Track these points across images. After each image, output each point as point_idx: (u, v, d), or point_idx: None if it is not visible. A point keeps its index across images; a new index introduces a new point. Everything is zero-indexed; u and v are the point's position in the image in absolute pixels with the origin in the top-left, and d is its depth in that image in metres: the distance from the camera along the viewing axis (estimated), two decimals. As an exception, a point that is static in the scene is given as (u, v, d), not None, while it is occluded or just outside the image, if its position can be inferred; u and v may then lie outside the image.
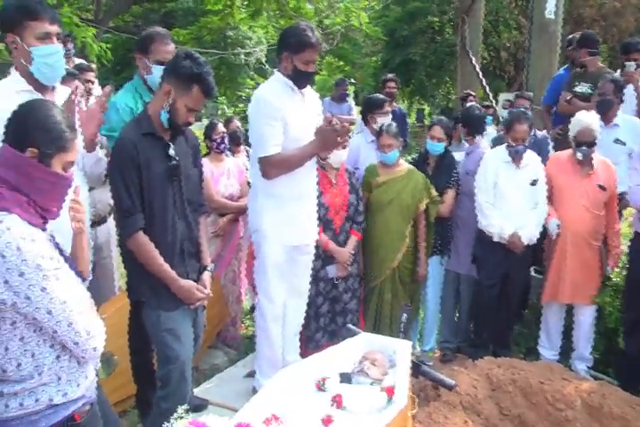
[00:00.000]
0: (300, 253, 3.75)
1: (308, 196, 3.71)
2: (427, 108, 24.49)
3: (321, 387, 2.50)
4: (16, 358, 1.94)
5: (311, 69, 3.48)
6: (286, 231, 3.61)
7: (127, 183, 2.76)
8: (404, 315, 3.62)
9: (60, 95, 2.99)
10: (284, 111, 3.43)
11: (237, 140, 5.35)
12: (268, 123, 3.41)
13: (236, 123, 5.34)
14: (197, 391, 4.01)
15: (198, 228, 3.10)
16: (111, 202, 3.62)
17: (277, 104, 3.42)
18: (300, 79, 3.50)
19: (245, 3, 13.82)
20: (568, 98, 5.56)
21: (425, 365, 2.92)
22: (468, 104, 8.11)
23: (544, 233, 4.38)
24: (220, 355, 4.73)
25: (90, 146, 3.05)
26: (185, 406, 1.96)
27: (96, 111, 2.93)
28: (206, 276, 3.06)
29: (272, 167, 3.46)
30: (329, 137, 3.38)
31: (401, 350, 2.72)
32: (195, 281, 2.97)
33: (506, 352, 4.35)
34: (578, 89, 5.56)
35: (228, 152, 5.15)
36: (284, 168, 3.48)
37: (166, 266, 2.83)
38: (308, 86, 3.66)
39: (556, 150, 5.08)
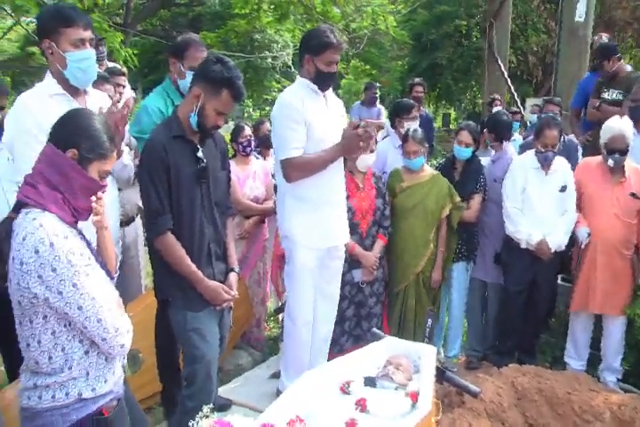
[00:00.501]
0: (330, 257, 3.75)
1: (336, 199, 3.70)
2: (453, 113, 24.37)
3: (345, 390, 2.50)
4: (48, 351, 2.02)
5: (333, 70, 3.49)
6: (315, 234, 3.61)
7: (156, 184, 2.80)
8: (429, 320, 3.61)
9: (92, 98, 3.06)
10: (308, 114, 3.44)
11: (268, 144, 5.37)
12: (290, 126, 3.42)
13: (267, 126, 5.36)
14: (221, 391, 4.03)
15: (225, 230, 3.13)
16: (139, 203, 3.68)
17: (300, 107, 3.43)
18: (323, 80, 3.50)
19: (272, 6, 13.88)
20: (597, 105, 5.51)
21: (449, 371, 2.91)
22: (495, 109, 8.12)
23: (572, 241, 4.34)
24: (245, 356, 4.76)
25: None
26: (210, 406, 1.98)
27: (118, 118, 2.97)
28: (233, 277, 3.08)
29: (293, 170, 3.47)
30: (352, 141, 3.38)
31: (426, 355, 2.72)
32: (221, 282, 3.00)
33: (531, 360, 4.31)
34: (607, 96, 5.51)
35: (258, 155, 5.19)
36: (307, 171, 3.49)
37: (193, 267, 2.86)
38: (331, 91, 3.67)
39: (584, 156, 5.03)
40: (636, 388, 4.33)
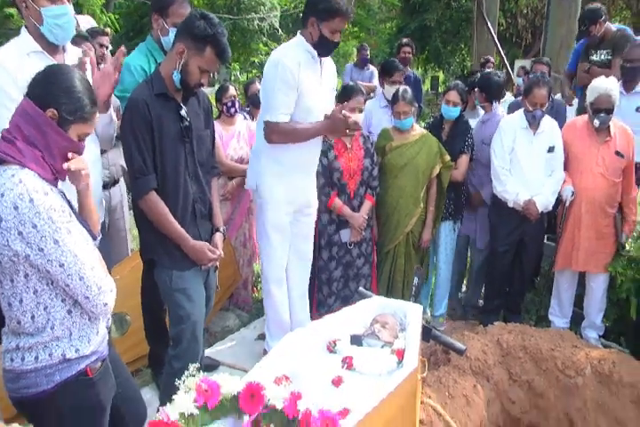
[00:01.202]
0: (302, 214, 3.76)
1: (308, 169, 3.71)
2: (441, 76, 24.12)
3: (332, 349, 2.50)
4: (30, 310, 1.99)
5: (337, 39, 3.39)
6: (286, 196, 3.62)
7: (139, 143, 2.74)
8: (416, 278, 3.61)
9: (71, 56, 2.95)
10: (301, 81, 3.36)
11: (258, 104, 5.27)
12: (283, 89, 3.35)
13: (257, 86, 5.24)
14: (209, 353, 4.05)
15: (210, 189, 3.09)
16: (124, 164, 3.61)
17: (296, 71, 3.34)
18: (324, 48, 3.41)
19: (259, -34, 13.56)
20: (587, 68, 5.42)
21: (435, 329, 2.92)
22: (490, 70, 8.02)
23: (558, 200, 4.33)
24: (232, 317, 4.77)
25: (103, 107, 3.01)
26: (197, 365, 1.96)
27: (110, 71, 2.88)
28: (218, 237, 3.05)
29: (276, 134, 3.42)
30: (338, 125, 3.33)
31: (412, 313, 2.71)
32: (207, 242, 2.96)
33: (516, 319, 4.34)
34: (595, 57, 5.42)
35: (247, 115, 5.11)
36: (288, 139, 3.45)
37: (178, 226, 2.82)
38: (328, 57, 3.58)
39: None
40: (616, 344, 4.40)
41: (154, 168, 2.79)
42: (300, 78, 3.35)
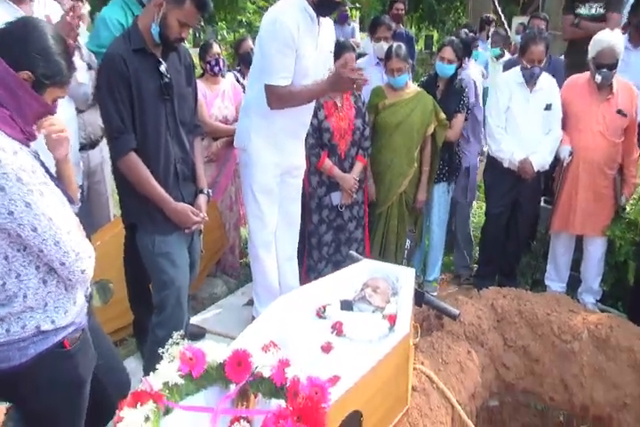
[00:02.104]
0: (290, 175, 3.72)
1: (299, 132, 3.66)
2: (436, 35, 23.86)
3: (321, 314, 2.48)
4: (1, 277, 1.89)
5: None
6: (274, 156, 3.56)
7: (116, 101, 2.65)
8: (408, 241, 3.58)
9: (39, 6, 2.85)
10: (300, 43, 3.26)
11: (249, 62, 5.15)
12: (283, 50, 3.23)
13: (250, 44, 5.10)
14: (195, 320, 4.04)
15: (193, 150, 3.03)
16: (102, 124, 3.52)
17: (295, 32, 3.22)
18: (325, 8, 3.30)
19: None
20: (575, 22, 5.23)
21: (428, 293, 2.90)
22: (491, 29, 7.99)
23: (556, 162, 4.29)
24: (219, 283, 4.76)
25: None
26: (181, 332, 1.92)
27: (69, 23, 2.76)
28: (202, 199, 3.00)
29: (278, 99, 3.33)
30: (344, 82, 3.23)
31: (404, 277, 2.68)
32: (190, 205, 2.91)
33: (512, 283, 4.34)
34: (583, 11, 5.23)
35: (238, 75, 5.00)
36: (290, 103, 3.37)
37: (159, 188, 2.76)
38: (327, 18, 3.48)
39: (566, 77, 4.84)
40: (613, 308, 4.41)
41: (133, 128, 2.71)
42: (299, 40, 3.25)
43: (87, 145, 3.79)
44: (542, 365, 3.42)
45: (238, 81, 4.87)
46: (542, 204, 4.95)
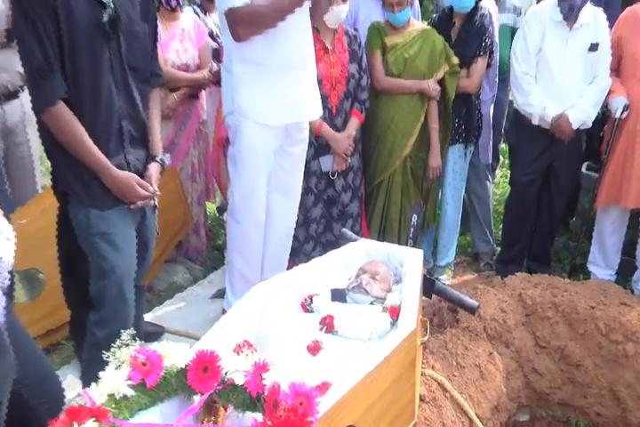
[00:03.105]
0: (291, 140, 3.68)
1: (300, 61, 3.54)
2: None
3: (307, 307, 2.50)
4: None
5: None
6: (272, 107, 3.50)
7: (38, 33, 2.53)
8: (414, 216, 3.58)
9: None
10: None
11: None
12: None
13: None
14: (151, 317, 4.06)
15: (147, 104, 2.97)
16: (22, 70, 3.46)
17: None
18: None
19: None
20: None
21: (440, 281, 2.92)
22: None
23: (603, 117, 4.28)
24: (181, 271, 4.77)
25: None
26: (131, 331, 1.92)
27: None
28: (154, 168, 2.94)
29: (242, 24, 3.28)
30: None
31: (409, 260, 2.69)
32: (139, 175, 2.86)
33: (545, 269, 4.37)
34: None
35: (198, 9, 4.97)
36: (260, 25, 3.29)
37: (96, 150, 2.68)
38: None
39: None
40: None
41: (62, 71, 2.61)
42: None
43: (2, 97, 3.75)
44: (585, 371, 3.43)
45: (199, 17, 4.83)
46: (585, 170, 4.96)
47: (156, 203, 3.00)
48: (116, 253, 2.82)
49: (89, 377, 1.84)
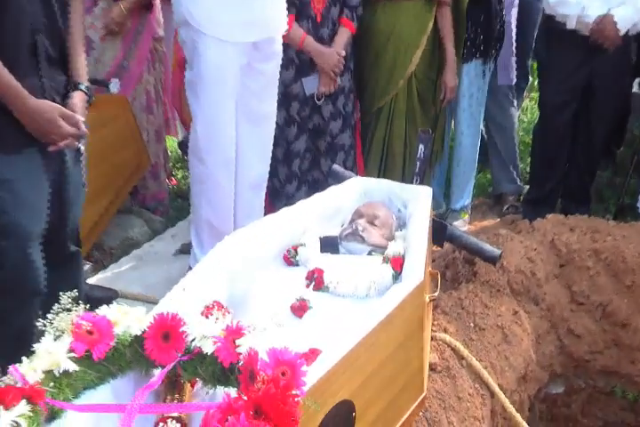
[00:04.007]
0: (261, 56, 3.66)
1: None
2: None
3: (291, 259, 2.51)
4: None
5: None
6: (235, 21, 3.49)
7: None
8: (421, 147, 3.56)
9: None
10: None
11: None
12: None
13: None
14: (102, 280, 4.08)
15: (69, 15, 2.88)
16: None
17: None
18: None
19: None
20: None
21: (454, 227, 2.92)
22: None
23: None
24: (138, 224, 4.78)
25: None
26: (73, 293, 1.91)
27: None
28: (78, 97, 2.86)
29: None
30: None
31: (415, 201, 2.70)
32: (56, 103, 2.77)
33: (583, 209, 4.38)
34: None
35: None
36: None
37: (5, 72, 2.61)
38: None
39: None
40: None
41: None
42: None
43: None
44: (633, 331, 3.48)
45: None
46: (636, 88, 4.93)
47: (82, 145, 2.93)
48: (20, 209, 2.74)
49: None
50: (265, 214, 3.90)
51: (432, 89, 4.42)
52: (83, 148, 2.92)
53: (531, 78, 6.01)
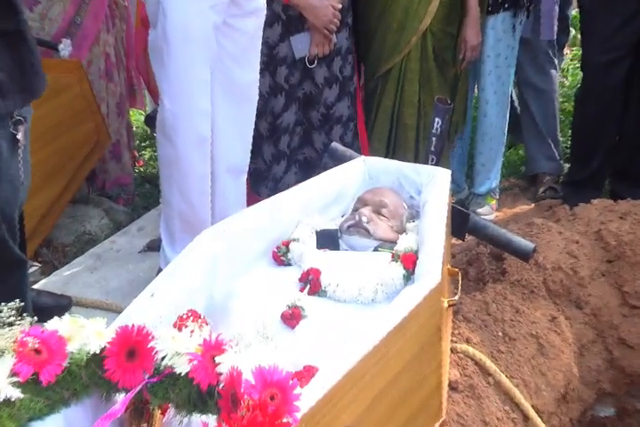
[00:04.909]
0: (241, 11, 3.66)
1: None
2: None
3: (282, 258, 2.53)
4: None
5: None
6: None
7: None
8: (437, 120, 3.55)
9: None
10: None
11: None
12: None
13: None
14: (51, 286, 4.08)
15: None
16: None
17: None
18: None
19: None
20: None
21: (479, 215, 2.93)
22: None
23: None
24: (96, 215, 4.80)
25: None
26: (16, 303, 1.91)
27: None
28: None
29: None
30: None
31: (432, 185, 2.71)
32: None
33: (637, 193, 4.38)
34: None
35: None
36: None
37: None
38: None
39: None
40: None
41: None
42: None
43: None
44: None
45: None
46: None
47: (20, 132, 2.90)
48: None
49: None
50: (248, 203, 3.94)
51: (451, 47, 4.43)
52: (21, 135, 2.82)
53: (573, 31, 6.00)
